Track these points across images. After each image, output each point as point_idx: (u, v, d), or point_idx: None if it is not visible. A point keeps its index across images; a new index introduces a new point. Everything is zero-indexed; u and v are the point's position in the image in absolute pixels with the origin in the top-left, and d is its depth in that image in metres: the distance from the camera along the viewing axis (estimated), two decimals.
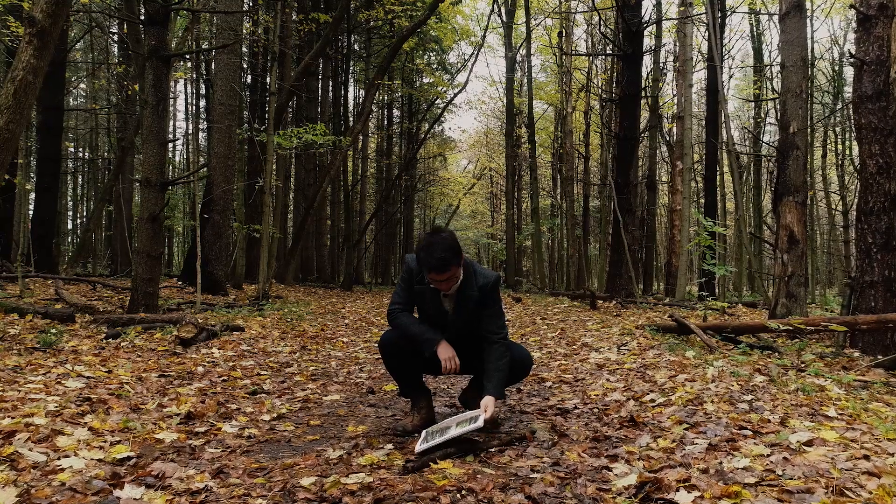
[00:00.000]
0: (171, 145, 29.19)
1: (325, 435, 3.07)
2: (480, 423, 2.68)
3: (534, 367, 3.23)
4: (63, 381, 3.92)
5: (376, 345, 6.56)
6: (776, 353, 5.66)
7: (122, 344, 5.62)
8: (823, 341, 6.31)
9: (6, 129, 5.80)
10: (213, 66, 16.58)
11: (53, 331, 6.09)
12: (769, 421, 3.01)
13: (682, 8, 14.28)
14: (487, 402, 2.81)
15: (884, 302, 4.97)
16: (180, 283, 11.63)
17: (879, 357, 4.91)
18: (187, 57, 19.57)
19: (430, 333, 2.93)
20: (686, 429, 2.87)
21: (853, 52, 5.22)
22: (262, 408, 3.56)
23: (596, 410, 3.43)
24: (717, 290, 14.83)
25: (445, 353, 2.90)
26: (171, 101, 27.50)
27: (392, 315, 3.02)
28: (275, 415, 3.42)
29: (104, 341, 5.81)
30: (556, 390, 4.02)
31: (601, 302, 10.86)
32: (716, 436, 2.72)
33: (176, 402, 3.59)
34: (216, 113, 11.47)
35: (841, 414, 3.16)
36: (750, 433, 2.75)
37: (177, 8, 8.30)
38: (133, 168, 16.64)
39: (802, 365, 4.96)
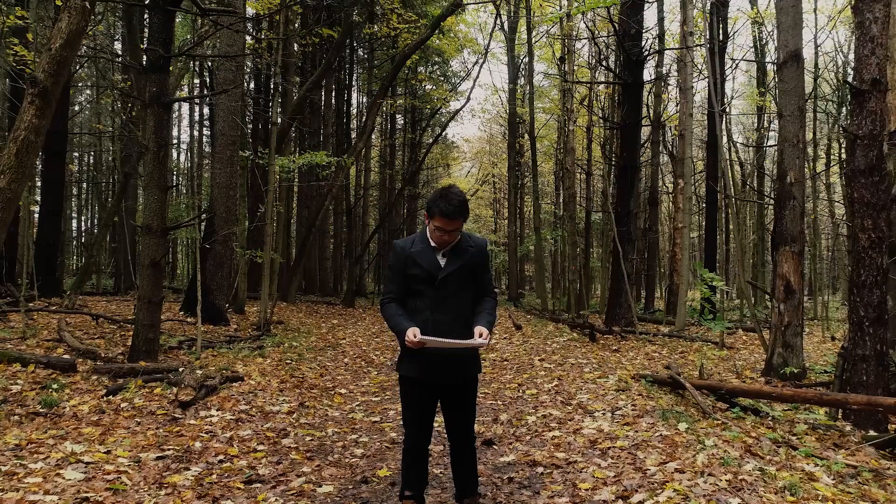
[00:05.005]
0: (174, 142, 29.28)
1: None
2: (484, 342, 3.03)
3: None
4: (62, 470, 4.00)
5: (374, 398, 6.67)
6: (770, 418, 5.70)
7: (123, 405, 5.70)
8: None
9: (8, 189, 5.85)
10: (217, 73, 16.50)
11: (55, 386, 6.18)
12: None
13: (683, 26, 14.24)
14: (481, 329, 3.08)
15: (875, 376, 5.01)
16: (182, 312, 11.72)
17: (871, 432, 4.95)
18: (191, 58, 19.54)
19: (402, 326, 3.10)
20: None
21: (846, 126, 5.23)
22: None
23: None
24: (718, 308, 14.79)
25: (410, 333, 3.03)
26: (175, 105, 27.56)
27: (383, 306, 3.27)
28: None
29: (104, 399, 5.90)
30: (548, 479, 4.08)
31: (600, 335, 10.93)
32: None
33: (173, 498, 3.66)
34: (218, 143, 11.52)
35: None
36: None
37: (178, 55, 8.34)
38: (136, 189, 16.72)
39: (794, 439, 5.00)
